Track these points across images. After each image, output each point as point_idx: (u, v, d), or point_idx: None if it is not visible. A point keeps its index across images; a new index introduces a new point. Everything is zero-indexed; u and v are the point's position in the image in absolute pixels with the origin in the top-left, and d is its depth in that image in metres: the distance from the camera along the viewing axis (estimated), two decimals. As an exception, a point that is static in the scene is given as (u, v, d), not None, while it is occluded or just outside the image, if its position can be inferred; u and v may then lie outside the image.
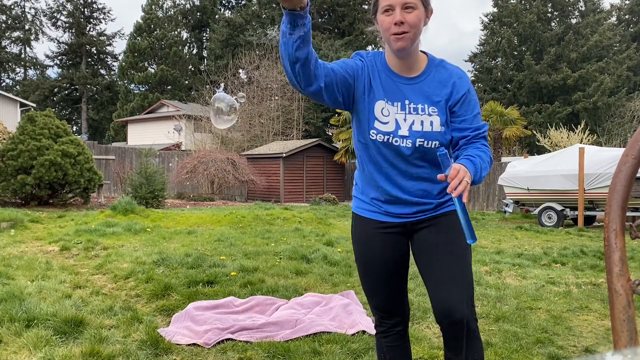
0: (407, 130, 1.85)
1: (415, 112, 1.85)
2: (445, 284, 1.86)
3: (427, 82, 1.87)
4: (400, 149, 1.87)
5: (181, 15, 46.96)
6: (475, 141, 1.85)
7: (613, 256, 0.94)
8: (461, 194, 1.58)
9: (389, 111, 1.85)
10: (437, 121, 1.85)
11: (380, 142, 1.88)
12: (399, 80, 1.87)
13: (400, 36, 1.76)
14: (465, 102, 1.86)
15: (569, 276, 5.44)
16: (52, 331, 3.10)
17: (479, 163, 1.74)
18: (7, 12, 45.97)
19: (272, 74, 26.52)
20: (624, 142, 25.35)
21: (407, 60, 1.86)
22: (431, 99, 1.86)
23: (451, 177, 1.59)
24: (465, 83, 1.88)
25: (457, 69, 1.92)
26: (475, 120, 1.87)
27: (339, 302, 3.90)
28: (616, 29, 33.66)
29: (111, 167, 16.59)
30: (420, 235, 1.97)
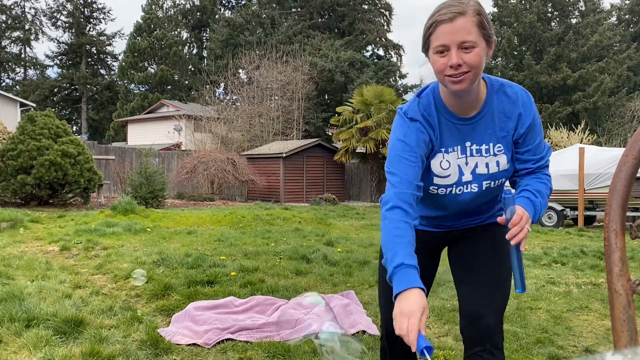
0: (470, 174, 1.68)
1: (479, 154, 1.66)
2: (480, 290, 1.74)
3: (490, 116, 1.65)
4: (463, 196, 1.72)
5: (181, 15, 46.95)
6: (538, 171, 1.70)
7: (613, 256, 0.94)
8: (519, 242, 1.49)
9: (448, 162, 1.67)
10: (504, 159, 1.67)
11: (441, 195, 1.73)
12: (458, 122, 1.65)
13: (457, 79, 1.50)
14: (530, 132, 1.66)
15: (569, 276, 5.44)
16: (52, 331, 3.10)
17: (539, 204, 1.61)
18: (7, 12, 45.96)
19: (272, 74, 26.52)
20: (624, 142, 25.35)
21: (468, 99, 1.61)
22: (496, 134, 1.65)
23: (513, 224, 1.48)
24: (531, 110, 1.66)
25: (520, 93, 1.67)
26: (539, 148, 1.69)
27: (339, 302, 3.90)
28: (616, 29, 33.64)
29: (111, 167, 16.59)
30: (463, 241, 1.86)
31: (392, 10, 40.47)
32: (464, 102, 1.61)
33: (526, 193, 1.62)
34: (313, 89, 29.13)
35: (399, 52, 39.80)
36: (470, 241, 1.83)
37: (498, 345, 1.72)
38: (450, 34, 1.47)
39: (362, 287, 4.61)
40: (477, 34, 1.47)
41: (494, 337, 1.71)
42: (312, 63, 30.21)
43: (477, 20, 1.48)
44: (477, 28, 1.47)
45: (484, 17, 1.50)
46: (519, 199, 1.60)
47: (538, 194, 1.62)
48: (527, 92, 1.69)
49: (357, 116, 19.82)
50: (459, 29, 1.46)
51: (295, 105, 26.88)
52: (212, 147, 22.38)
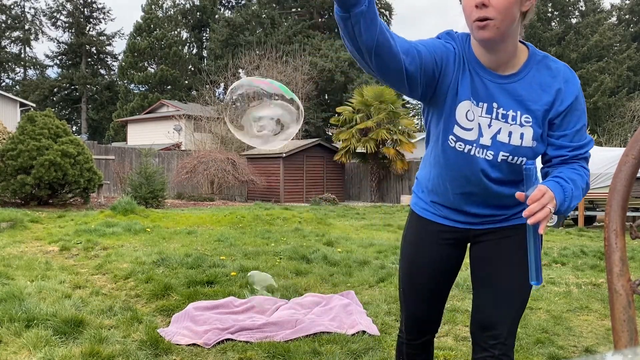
0: (489, 139, 1.53)
1: (504, 119, 1.51)
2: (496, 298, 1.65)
3: (524, 84, 1.50)
4: (478, 161, 1.56)
5: (181, 15, 46.95)
6: (573, 162, 1.53)
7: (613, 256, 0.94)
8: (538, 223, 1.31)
9: (473, 114, 1.52)
10: (529, 134, 1.51)
11: (458, 151, 1.57)
12: (487, 77, 1.51)
13: (482, 23, 1.37)
14: (569, 114, 1.50)
15: (569, 276, 5.44)
16: (51, 331, 3.10)
17: (570, 190, 1.42)
18: (7, 12, 45.96)
19: (272, 74, 26.52)
20: (624, 142, 25.35)
21: (497, 55, 1.47)
22: (526, 105, 1.50)
23: (532, 199, 1.31)
24: (574, 88, 1.50)
25: (564, 69, 1.53)
26: (578, 136, 1.52)
27: (339, 302, 3.89)
28: (616, 29, 33.66)
29: (111, 167, 16.59)
30: (483, 245, 1.74)
31: (392, 10, 40.50)
32: (495, 57, 1.48)
33: (557, 178, 1.45)
34: (313, 89, 29.14)
35: (399, 52, 39.77)
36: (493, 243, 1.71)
37: (508, 352, 1.66)
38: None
39: (362, 287, 4.61)
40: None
41: (503, 347, 1.64)
42: (312, 63, 30.21)
43: None
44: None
45: None
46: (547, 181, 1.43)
47: (570, 182, 1.44)
48: (574, 72, 1.55)
49: (357, 116, 19.82)
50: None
51: (295, 105, 26.84)
52: (212, 147, 22.37)
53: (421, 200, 1.82)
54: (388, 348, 3.07)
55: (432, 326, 1.90)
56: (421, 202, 1.82)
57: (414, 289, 1.84)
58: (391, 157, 19.11)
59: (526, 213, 1.31)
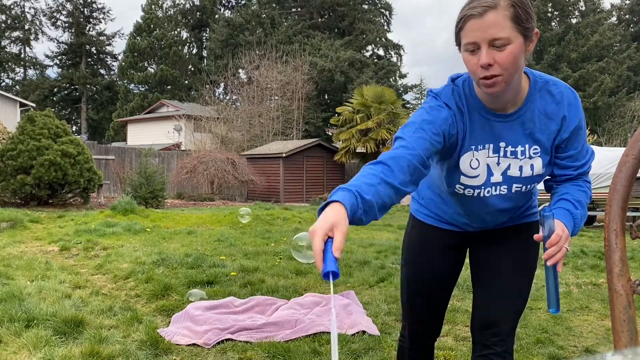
0: (500, 176, 1.54)
1: (514, 155, 1.51)
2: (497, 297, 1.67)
3: (529, 115, 1.49)
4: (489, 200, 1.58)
5: (181, 15, 46.94)
6: (578, 178, 1.58)
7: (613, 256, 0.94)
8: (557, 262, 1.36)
9: (478, 161, 1.52)
10: (539, 163, 1.52)
11: (467, 196, 1.60)
12: (492, 119, 1.50)
13: (489, 81, 1.35)
14: (574, 136, 1.51)
15: (569, 276, 5.44)
16: (51, 331, 3.09)
17: (579, 215, 1.47)
18: (6, 12, 45.95)
19: (272, 74, 26.52)
20: (624, 142, 25.34)
21: (504, 97, 1.46)
22: (533, 136, 1.50)
23: (551, 243, 1.35)
24: (577, 113, 1.50)
25: (567, 93, 1.50)
26: (582, 154, 1.56)
27: (339, 302, 3.89)
28: (616, 29, 33.66)
29: (111, 167, 16.58)
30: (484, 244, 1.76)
31: (392, 10, 40.49)
32: (500, 100, 1.46)
33: (566, 204, 1.48)
34: (313, 89, 29.14)
35: (399, 52, 39.82)
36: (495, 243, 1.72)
37: (509, 350, 1.67)
38: (479, 31, 1.31)
39: (362, 287, 4.61)
40: (511, 29, 1.31)
41: (505, 344, 1.65)
42: (312, 63, 30.20)
43: (512, 13, 1.30)
44: (511, 22, 1.31)
45: (521, 8, 1.32)
46: (558, 210, 1.46)
47: (578, 205, 1.48)
48: (575, 92, 1.53)
49: (357, 116, 19.82)
50: (489, 25, 1.30)
51: (295, 105, 26.88)
52: (212, 147, 22.37)
53: (423, 207, 1.82)
54: (388, 348, 3.07)
55: (435, 332, 1.92)
56: (423, 209, 1.82)
57: (418, 297, 1.85)
58: (391, 157, 19.09)
59: (546, 256, 1.35)
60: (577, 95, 1.53)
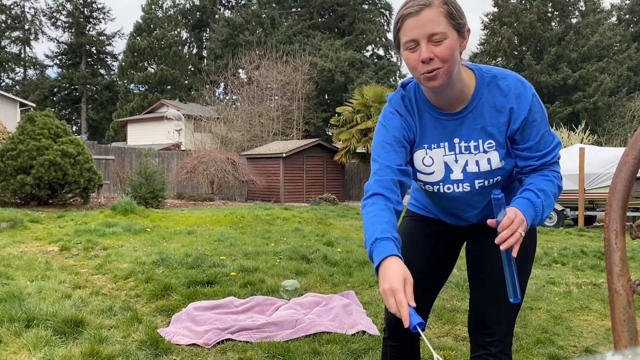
0: (460, 173, 1.60)
1: (468, 151, 1.57)
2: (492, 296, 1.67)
3: (479, 110, 1.54)
4: (455, 195, 1.64)
5: (181, 15, 46.95)
6: (543, 169, 1.59)
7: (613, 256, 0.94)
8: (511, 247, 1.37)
9: (432, 159, 1.60)
10: (496, 157, 1.57)
11: (429, 192, 1.68)
12: (443, 118, 1.57)
13: (431, 74, 1.42)
14: (527, 127, 1.54)
15: (569, 276, 5.44)
16: (51, 331, 3.09)
17: (540, 204, 1.48)
18: (6, 12, 45.96)
19: (272, 74, 26.52)
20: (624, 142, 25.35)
21: (448, 95, 1.52)
22: (486, 130, 1.55)
23: (502, 227, 1.37)
24: (524, 103, 1.52)
25: (514, 84, 1.54)
26: (542, 144, 1.56)
27: (339, 302, 3.89)
28: (616, 29, 33.66)
29: (111, 167, 16.59)
30: (478, 242, 1.76)
31: (392, 10, 40.50)
32: (446, 97, 1.53)
33: (527, 193, 1.51)
34: (313, 89, 29.14)
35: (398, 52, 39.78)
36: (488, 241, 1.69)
37: (505, 350, 1.68)
38: (417, 28, 1.40)
39: (362, 287, 4.61)
40: (446, 24, 1.40)
41: (500, 344, 1.67)
42: (312, 63, 30.20)
43: (445, 10, 1.40)
44: (445, 18, 1.40)
45: (453, 5, 1.43)
46: (518, 199, 1.49)
47: (541, 194, 1.51)
48: (525, 82, 1.55)
49: (357, 116, 19.82)
50: (426, 21, 1.39)
51: (295, 105, 26.88)
52: (212, 147, 22.37)
53: (415, 200, 1.92)
54: (388, 348, 3.07)
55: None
56: (415, 201, 1.92)
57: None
58: (391, 157, 19.11)
59: (498, 240, 1.38)
60: (528, 86, 1.55)
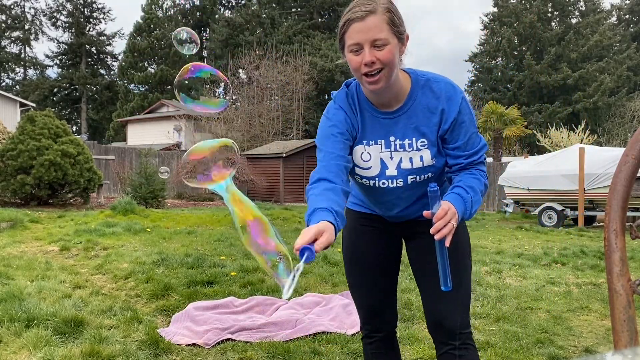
0: (395, 170, 1.68)
1: (402, 148, 1.66)
2: (439, 297, 1.72)
3: (413, 111, 1.65)
4: (389, 190, 1.72)
5: (181, 15, 46.94)
6: (471, 167, 1.68)
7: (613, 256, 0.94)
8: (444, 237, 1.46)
9: (369, 154, 1.69)
10: (428, 155, 1.66)
11: (365, 186, 1.75)
12: (381, 116, 1.67)
13: (373, 78, 1.53)
14: (456, 127, 1.64)
15: (569, 276, 5.44)
16: (52, 331, 3.09)
17: (469, 199, 1.58)
18: (6, 12, 45.96)
19: (272, 74, 26.52)
20: (624, 142, 25.35)
21: (386, 95, 1.63)
22: (419, 129, 1.65)
23: (437, 217, 1.46)
24: (455, 106, 1.63)
25: (445, 87, 1.65)
26: (470, 144, 1.66)
27: (339, 302, 3.90)
28: (616, 29, 33.67)
29: (111, 167, 16.58)
30: (416, 238, 1.84)
31: (392, 10, 40.47)
32: (384, 97, 1.63)
33: (457, 189, 1.60)
34: (313, 89, 29.13)
35: (398, 52, 39.82)
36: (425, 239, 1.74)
37: (467, 339, 1.76)
38: (362, 33, 1.49)
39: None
40: (388, 31, 1.50)
41: (461, 335, 1.75)
42: (312, 63, 30.20)
43: (388, 17, 1.50)
44: (388, 25, 1.50)
45: (395, 14, 1.52)
46: (449, 195, 1.57)
47: (470, 190, 1.59)
48: (455, 86, 1.66)
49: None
50: (370, 27, 1.48)
51: (295, 105, 26.88)
52: (212, 147, 22.34)
53: (352, 197, 1.95)
54: (388, 348, 3.07)
55: (385, 319, 1.93)
56: (352, 197, 1.95)
57: (355, 278, 1.93)
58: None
59: (433, 230, 1.45)
60: (458, 90, 1.66)
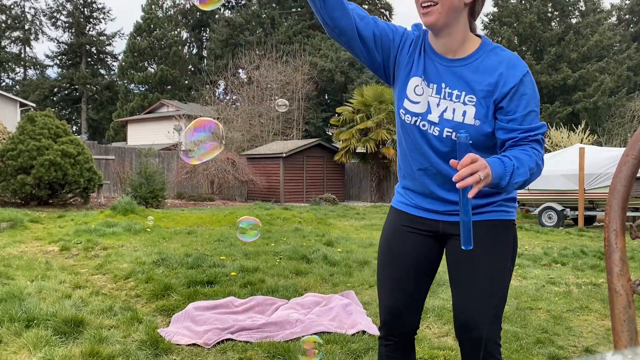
0: (437, 117, 1.65)
1: (450, 98, 1.63)
2: (471, 295, 1.68)
3: (471, 67, 1.62)
4: (429, 136, 1.67)
5: (181, 15, 46.94)
6: (524, 144, 1.57)
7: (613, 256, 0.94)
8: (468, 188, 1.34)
9: (423, 90, 1.66)
10: (472, 112, 1.60)
11: (406, 124, 1.70)
12: (438, 61, 1.66)
13: (427, 10, 1.55)
14: (515, 97, 1.57)
15: (569, 276, 5.44)
16: (52, 331, 3.09)
17: (511, 165, 1.46)
18: (7, 12, 45.95)
19: (272, 74, 26.52)
20: (624, 142, 25.35)
21: (446, 39, 1.63)
22: (470, 85, 1.61)
23: (462, 165, 1.34)
24: (517, 73, 1.58)
25: (511, 56, 1.62)
26: (527, 119, 1.57)
27: (339, 302, 3.89)
28: (616, 29, 33.66)
29: (111, 167, 16.58)
30: (456, 242, 1.74)
31: (392, 10, 40.51)
32: (445, 42, 1.64)
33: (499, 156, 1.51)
34: (313, 89, 29.13)
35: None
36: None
37: (493, 352, 1.67)
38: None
39: (362, 287, 4.61)
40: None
41: (487, 346, 1.66)
42: (312, 63, 30.19)
43: None
44: None
45: None
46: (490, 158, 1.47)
47: (515, 159, 1.49)
48: (522, 60, 1.63)
49: (357, 116, 19.82)
50: None
51: (295, 105, 26.88)
52: (212, 147, 22.35)
53: (398, 194, 1.90)
54: (388, 348, 3.07)
55: (404, 324, 1.83)
56: (398, 195, 1.90)
57: (384, 277, 1.85)
58: (391, 157, 19.11)
59: (455, 177, 1.35)
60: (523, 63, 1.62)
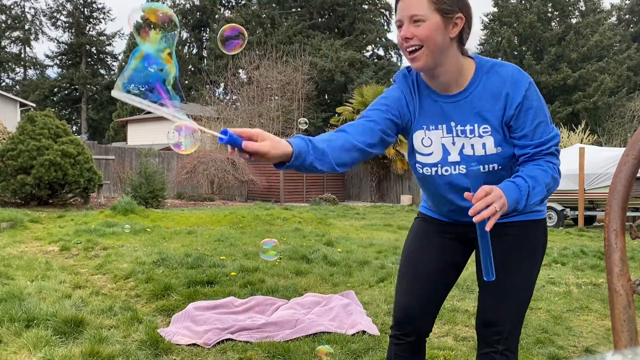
0: (457, 155, 1.63)
1: (464, 134, 1.61)
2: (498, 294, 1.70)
3: (476, 95, 1.59)
4: (453, 179, 1.65)
5: (181, 15, 46.90)
6: (538, 158, 1.58)
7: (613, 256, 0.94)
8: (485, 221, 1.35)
9: (430, 139, 1.65)
10: (491, 142, 1.59)
11: (427, 175, 1.70)
12: (440, 100, 1.63)
13: (413, 55, 1.53)
14: (522, 114, 1.56)
15: (569, 276, 5.43)
16: (51, 331, 3.10)
17: (526, 188, 1.47)
18: (7, 12, 45.95)
19: (272, 74, 26.51)
20: (624, 142, 25.34)
21: (441, 79, 1.60)
22: (482, 115, 1.59)
23: (476, 198, 1.36)
24: (520, 89, 1.56)
25: (512, 72, 1.59)
26: (538, 133, 1.57)
27: (339, 302, 3.89)
28: (616, 29, 33.66)
29: (111, 167, 16.58)
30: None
31: (392, 10, 40.46)
32: (440, 81, 1.61)
33: (515, 178, 1.51)
34: (313, 89, 29.13)
35: (399, 52, 39.81)
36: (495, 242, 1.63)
37: (511, 348, 1.71)
38: (403, 10, 1.53)
39: (362, 287, 4.61)
40: (428, 8, 1.50)
41: (507, 342, 1.70)
42: (312, 63, 30.20)
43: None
44: (428, 2, 1.50)
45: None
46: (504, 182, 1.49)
47: (529, 179, 1.50)
48: (524, 72, 1.60)
49: (357, 116, 19.78)
50: (410, 5, 1.52)
51: (295, 105, 26.88)
52: (212, 147, 22.37)
53: (424, 201, 1.94)
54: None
55: (417, 325, 1.82)
56: (424, 202, 1.94)
57: (403, 277, 1.86)
58: (391, 157, 19.11)
59: (471, 212, 1.36)
60: (525, 76, 1.60)
